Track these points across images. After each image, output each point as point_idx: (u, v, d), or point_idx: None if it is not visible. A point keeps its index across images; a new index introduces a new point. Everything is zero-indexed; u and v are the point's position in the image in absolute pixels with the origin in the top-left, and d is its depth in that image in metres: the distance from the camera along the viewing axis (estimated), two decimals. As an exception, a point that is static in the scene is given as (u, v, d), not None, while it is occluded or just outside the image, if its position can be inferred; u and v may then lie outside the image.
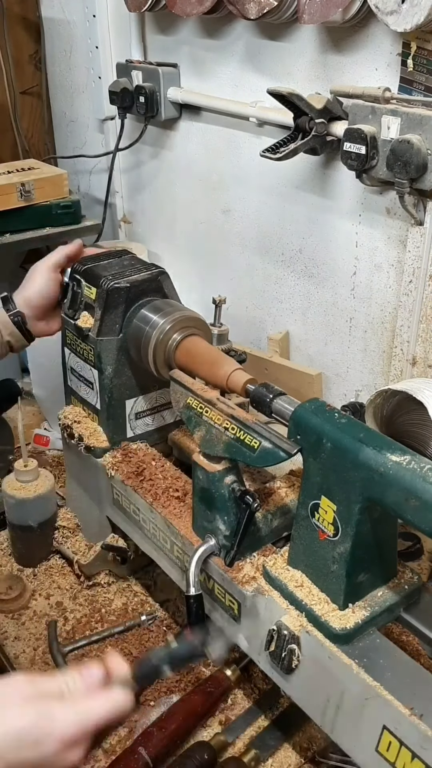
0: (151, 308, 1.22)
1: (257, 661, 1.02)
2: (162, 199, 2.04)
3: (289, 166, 1.49)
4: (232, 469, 1.00)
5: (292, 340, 1.73)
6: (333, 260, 1.54)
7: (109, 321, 1.21)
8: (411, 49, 1.19)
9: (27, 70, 2.40)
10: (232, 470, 1.00)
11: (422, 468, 0.78)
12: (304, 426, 0.90)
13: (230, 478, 1.00)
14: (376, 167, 1.26)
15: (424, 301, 1.31)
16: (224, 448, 0.98)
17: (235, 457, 0.97)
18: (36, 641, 1.30)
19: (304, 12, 1.28)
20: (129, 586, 1.41)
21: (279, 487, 1.12)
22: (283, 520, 1.07)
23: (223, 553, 1.03)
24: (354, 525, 0.85)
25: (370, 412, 1.16)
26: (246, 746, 1.11)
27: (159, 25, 1.80)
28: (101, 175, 2.22)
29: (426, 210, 1.26)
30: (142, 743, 1.08)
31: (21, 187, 1.88)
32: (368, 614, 0.90)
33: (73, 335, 1.28)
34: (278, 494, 1.10)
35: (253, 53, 1.55)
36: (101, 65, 2.02)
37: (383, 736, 0.82)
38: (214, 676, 1.19)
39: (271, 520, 1.06)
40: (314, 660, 0.90)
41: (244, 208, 1.74)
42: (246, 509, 0.97)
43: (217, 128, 1.73)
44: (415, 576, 0.95)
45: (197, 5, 1.51)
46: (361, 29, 1.30)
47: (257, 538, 1.04)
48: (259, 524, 1.04)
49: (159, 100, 1.79)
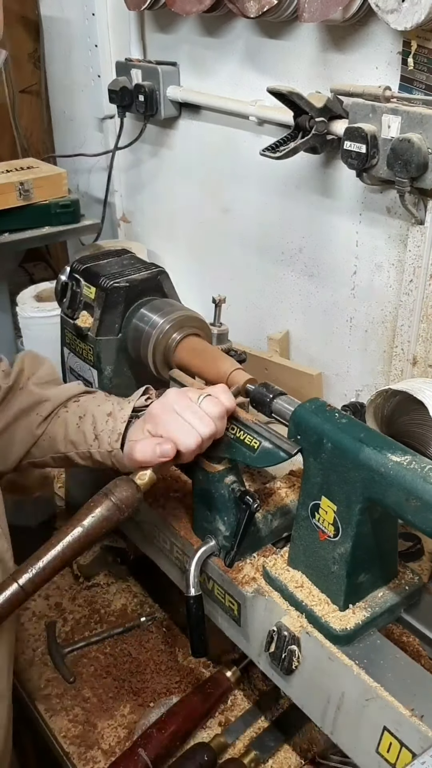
0: (151, 308, 1.21)
1: (257, 662, 1.02)
2: (161, 198, 2.04)
3: (289, 165, 1.49)
4: (232, 470, 1.00)
5: (292, 340, 1.73)
6: (333, 259, 1.53)
7: (109, 320, 1.21)
8: (411, 48, 1.19)
9: (26, 68, 2.39)
10: (232, 471, 1.00)
11: (423, 468, 0.78)
12: (304, 426, 0.90)
13: (230, 478, 1.00)
14: (377, 166, 1.26)
15: (424, 301, 1.31)
16: (224, 448, 0.97)
17: (235, 457, 0.97)
18: (35, 642, 1.29)
19: (304, 10, 1.28)
20: (128, 587, 1.40)
21: (279, 487, 1.12)
22: (283, 521, 1.07)
23: (222, 554, 1.02)
24: (354, 525, 0.85)
25: (370, 412, 1.16)
26: (246, 747, 1.11)
27: (158, 24, 1.80)
28: (100, 174, 2.22)
29: (426, 209, 1.25)
30: (142, 744, 1.07)
31: (20, 186, 1.88)
32: (369, 615, 0.89)
33: (72, 335, 1.27)
34: (278, 494, 1.10)
35: (253, 52, 1.55)
36: (100, 64, 2.02)
37: (384, 737, 0.82)
38: (214, 677, 1.19)
39: (271, 520, 1.05)
40: (314, 661, 0.90)
41: (244, 208, 1.74)
42: (246, 510, 0.97)
43: (217, 127, 1.73)
44: (415, 576, 0.95)
45: (197, 3, 1.51)
46: (362, 28, 1.29)
47: (257, 538, 1.04)
48: (259, 525, 1.04)
49: (158, 98, 1.79)
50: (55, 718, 1.17)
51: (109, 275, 1.21)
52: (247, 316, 1.82)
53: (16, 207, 1.89)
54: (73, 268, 1.28)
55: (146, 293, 1.23)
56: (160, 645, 1.29)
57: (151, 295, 1.24)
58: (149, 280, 1.23)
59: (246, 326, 1.82)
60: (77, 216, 2.03)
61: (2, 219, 1.88)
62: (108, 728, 1.15)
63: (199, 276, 1.95)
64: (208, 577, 1.05)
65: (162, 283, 1.25)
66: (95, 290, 1.21)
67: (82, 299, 1.24)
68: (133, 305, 1.21)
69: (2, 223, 1.89)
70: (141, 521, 1.20)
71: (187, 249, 2.00)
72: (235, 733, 1.13)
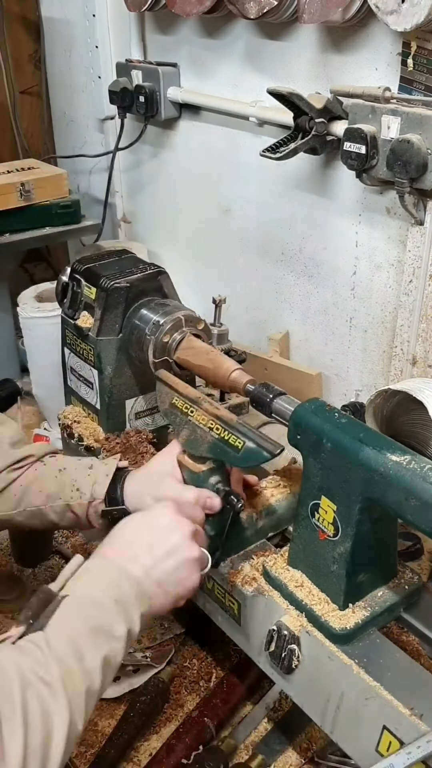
0: (151, 308, 1.21)
1: (257, 661, 1.02)
2: (162, 198, 2.04)
3: (289, 165, 1.49)
4: (216, 470, 1.00)
5: (292, 340, 1.73)
6: (333, 260, 1.54)
7: (109, 321, 1.21)
8: (411, 49, 1.19)
9: (27, 69, 2.40)
10: (217, 471, 1.00)
11: (422, 468, 0.78)
12: (304, 426, 0.90)
13: (215, 478, 1.00)
14: (376, 167, 1.26)
15: (424, 301, 1.31)
16: (209, 448, 0.97)
17: (219, 457, 0.97)
18: (36, 641, 1.29)
19: (304, 11, 1.28)
20: (129, 586, 1.40)
21: (265, 487, 1.11)
22: (269, 521, 1.07)
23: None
24: (354, 525, 0.85)
25: (370, 412, 1.16)
26: (252, 751, 1.11)
27: (159, 25, 1.80)
28: (101, 174, 2.22)
29: (426, 209, 1.26)
30: (208, 714, 1.11)
31: (21, 187, 1.88)
32: (368, 614, 0.89)
33: (73, 335, 1.28)
34: (264, 494, 1.09)
35: (253, 53, 1.55)
36: (101, 65, 2.02)
37: (383, 736, 0.82)
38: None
39: (256, 520, 1.05)
40: (314, 660, 0.90)
41: (244, 208, 1.74)
42: (230, 510, 0.97)
43: (217, 128, 1.73)
44: (415, 576, 0.95)
45: (197, 4, 1.51)
46: (361, 29, 1.30)
47: (242, 538, 1.04)
48: (244, 525, 1.04)
49: (159, 99, 1.79)
50: (55, 717, 1.17)
51: (109, 275, 1.22)
52: (247, 316, 1.83)
53: (16, 208, 1.89)
54: (73, 268, 1.28)
55: (146, 293, 1.23)
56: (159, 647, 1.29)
57: (152, 296, 1.24)
58: (149, 281, 1.24)
59: (246, 326, 1.82)
60: (78, 216, 2.03)
61: (3, 219, 1.88)
62: (109, 728, 1.15)
63: (199, 276, 1.95)
64: (209, 577, 1.06)
65: (162, 283, 1.25)
66: (96, 290, 1.22)
67: (83, 299, 1.25)
68: (134, 305, 1.22)
69: (3, 223, 1.89)
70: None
71: (187, 249, 2.00)
72: (241, 735, 1.14)
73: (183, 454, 1.02)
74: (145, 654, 1.23)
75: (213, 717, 1.11)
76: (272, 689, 1.17)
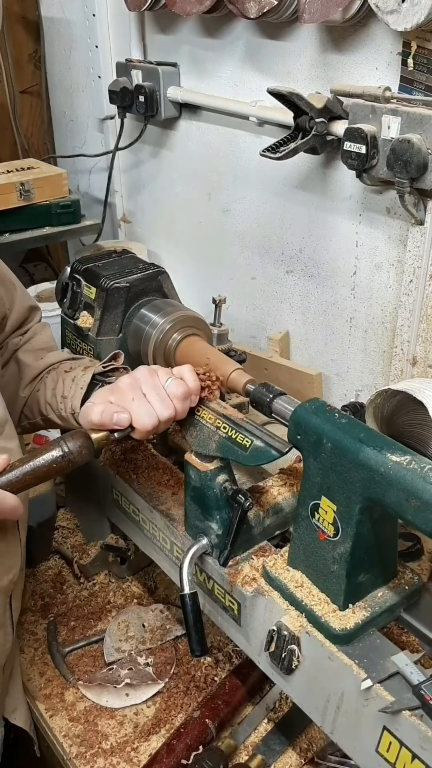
0: (151, 308, 1.21)
1: (257, 661, 1.02)
2: (162, 198, 2.04)
3: (289, 165, 1.49)
4: (224, 469, 1.00)
5: (292, 340, 1.73)
6: (333, 260, 1.54)
7: (109, 321, 1.21)
8: (411, 49, 1.19)
9: (26, 69, 2.40)
10: (224, 469, 1.00)
11: (423, 468, 0.78)
12: (304, 426, 0.90)
13: (222, 477, 1.00)
14: (377, 167, 1.26)
15: (424, 301, 1.31)
16: (216, 447, 0.97)
17: (227, 456, 0.97)
18: (35, 642, 1.29)
19: (304, 11, 1.28)
20: (129, 587, 1.40)
21: (271, 485, 1.11)
22: (276, 519, 1.07)
23: (216, 553, 1.03)
24: (354, 525, 0.85)
25: (370, 412, 1.16)
26: (252, 752, 1.11)
27: (159, 25, 1.80)
28: (101, 174, 2.22)
29: (426, 209, 1.25)
30: (209, 716, 1.11)
31: (20, 187, 1.88)
32: (368, 615, 0.89)
33: (73, 335, 1.27)
34: (270, 493, 1.09)
35: (253, 52, 1.55)
36: (101, 64, 2.03)
37: (383, 737, 0.82)
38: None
39: (263, 518, 1.06)
40: (314, 660, 0.90)
41: (244, 208, 1.74)
42: (238, 508, 0.97)
43: (217, 128, 1.73)
44: (415, 576, 0.95)
45: (197, 4, 1.51)
46: (362, 28, 1.30)
47: (250, 537, 1.04)
48: (252, 523, 1.04)
49: (159, 99, 1.79)
50: (55, 717, 1.17)
51: (109, 275, 1.22)
52: (247, 316, 1.83)
53: (16, 207, 1.89)
54: (73, 268, 1.28)
55: (146, 293, 1.23)
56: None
57: (152, 295, 1.24)
58: (149, 280, 1.24)
59: (246, 326, 1.82)
60: (77, 216, 2.03)
61: (3, 219, 1.88)
62: (109, 728, 1.15)
63: (199, 276, 1.95)
64: (209, 577, 1.06)
65: (162, 283, 1.25)
66: (96, 290, 1.22)
67: (83, 299, 1.25)
68: (134, 305, 1.22)
69: (3, 223, 1.89)
70: (141, 521, 1.20)
71: (187, 249, 2.00)
72: (240, 735, 1.14)
73: (190, 453, 1.02)
74: (148, 661, 1.23)
75: (214, 718, 1.11)
76: (272, 690, 1.17)
